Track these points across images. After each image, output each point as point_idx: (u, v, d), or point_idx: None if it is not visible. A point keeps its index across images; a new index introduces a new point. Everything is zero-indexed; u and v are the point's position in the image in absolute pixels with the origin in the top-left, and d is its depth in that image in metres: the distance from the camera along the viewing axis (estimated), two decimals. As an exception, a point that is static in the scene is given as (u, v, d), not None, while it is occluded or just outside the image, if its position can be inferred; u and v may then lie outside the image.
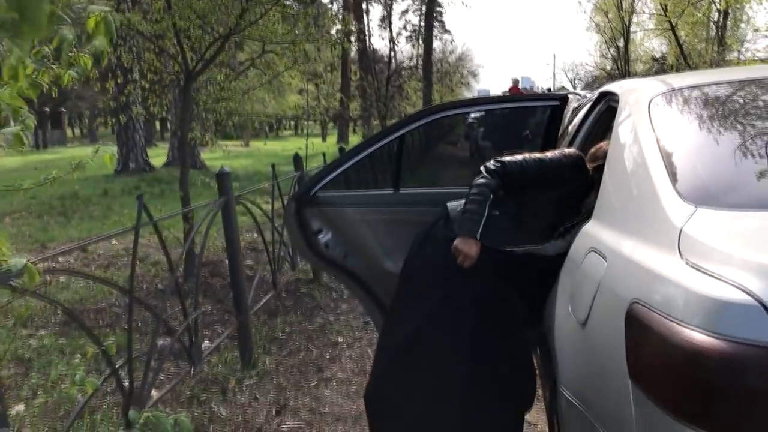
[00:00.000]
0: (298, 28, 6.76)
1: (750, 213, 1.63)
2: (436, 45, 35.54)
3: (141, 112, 9.20)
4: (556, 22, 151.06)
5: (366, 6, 29.82)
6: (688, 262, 1.47)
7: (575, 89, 26.57)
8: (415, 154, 3.61)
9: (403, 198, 3.22)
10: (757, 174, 1.80)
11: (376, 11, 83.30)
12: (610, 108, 2.85)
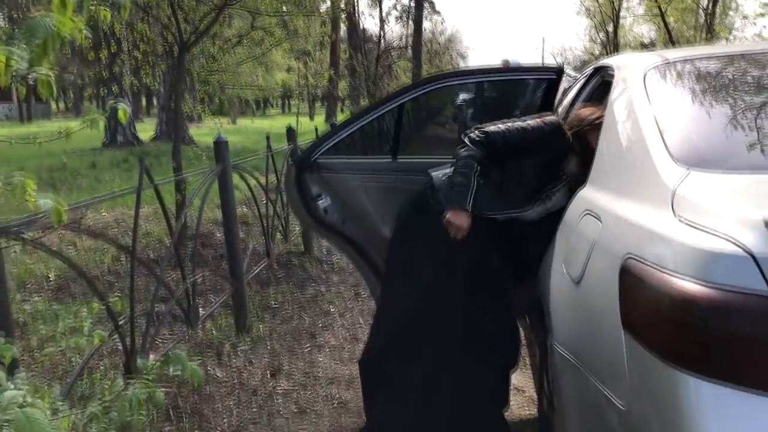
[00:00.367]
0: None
1: (740, 175, 1.71)
2: (426, 25, 35.35)
3: (134, 82, 9.16)
4: (546, 6, 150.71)
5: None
6: (681, 219, 1.55)
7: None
8: (414, 122, 3.67)
9: (401, 166, 3.28)
10: (746, 140, 1.89)
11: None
12: (604, 83, 2.91)
